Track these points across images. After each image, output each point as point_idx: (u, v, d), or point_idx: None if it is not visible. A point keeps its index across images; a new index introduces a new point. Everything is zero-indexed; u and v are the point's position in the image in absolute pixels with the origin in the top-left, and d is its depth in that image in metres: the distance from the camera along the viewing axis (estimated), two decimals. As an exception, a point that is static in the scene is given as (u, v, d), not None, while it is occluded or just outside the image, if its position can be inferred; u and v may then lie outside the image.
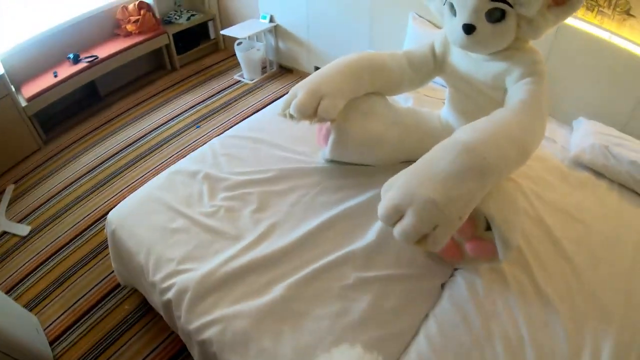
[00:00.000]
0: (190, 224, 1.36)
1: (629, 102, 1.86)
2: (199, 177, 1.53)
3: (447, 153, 1.02)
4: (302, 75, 3.09)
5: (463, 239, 1.22)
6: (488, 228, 1.15)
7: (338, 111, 1.32)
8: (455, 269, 1.30)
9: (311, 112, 1.29)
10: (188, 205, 1.43)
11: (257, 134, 1.75)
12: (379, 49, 2.46)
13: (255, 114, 1.95)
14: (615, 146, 1.68)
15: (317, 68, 2.86)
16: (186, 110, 2.72)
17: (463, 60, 1.34)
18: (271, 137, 1.72)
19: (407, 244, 1.00)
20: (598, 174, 1.67)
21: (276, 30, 3.00)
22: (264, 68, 3.11)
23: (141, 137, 2.50)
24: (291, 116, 1.33)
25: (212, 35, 3.47)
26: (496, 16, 1.13)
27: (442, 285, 1.27)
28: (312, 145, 1.67)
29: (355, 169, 1.54)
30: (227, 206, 1.41)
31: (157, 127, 2.58)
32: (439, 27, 2.20)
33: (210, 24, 3.40)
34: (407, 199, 0.97)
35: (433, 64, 1.43)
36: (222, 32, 2.87)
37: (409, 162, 1.21)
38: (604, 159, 1.66)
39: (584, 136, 1.77)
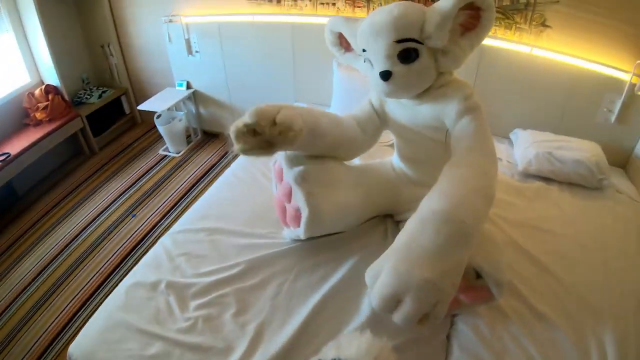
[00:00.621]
0: (169, 346, 1.21)
1: (557, 105, 2.13)
2: (162, 288, 1.38)
3: (425, 227, 1.01)
4: (230, 138, 3.08)
5: (457, 293, 1.18)
6: (477, 275, 1.16)
7: (298, 125, 1.17)
8: (454, 315, 1.31)
9: (270, 117, 1.14)
10: (159, 324, 1.27)
11: (209, 223, 1.63)
12: (305, 100, 2.59)
13: (201, 199, 1.82)
14: (556, 150, 1.88)
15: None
16: (116, 199, 2.52)
17: (398, 109, 1.39)
18: (226, 223, 1.62)
19: (409, 327, 0.99)
20: (547, 179, 1.87)
21: (195, 97, 2.93)
22: (188, 137, 3.00)
23: (73, 239, 2.25)
24: (244, 129, 1.16)
25: (127, 110, 3.30)
26: (410, 57, 1.17)
27: (448, 337, 1.27)
28: (272, 222, 1.61)
29: (324, 240, 1.51)
30: (204, 315, 1.28)
31: (88, 224, 2.34)
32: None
33: (123, 98, 3.23)
34: (403, 286, 0.95)
35: (378, 120, 1.47)
36: (139, 107, 2.74)
37: (376, 217, 1.33)
38: (549, 165, 1.86)
39: (526, 148, 1.95)
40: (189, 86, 2.90)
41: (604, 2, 1.87)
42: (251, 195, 1.80)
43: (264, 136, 1.15)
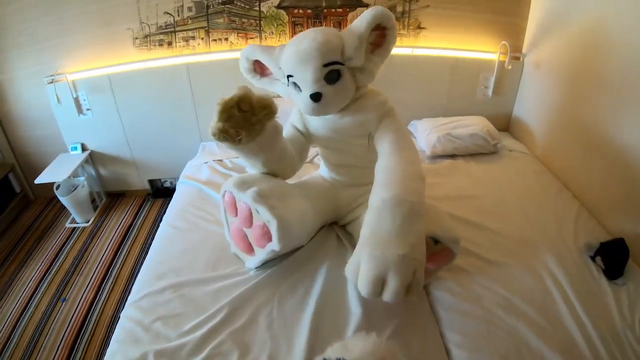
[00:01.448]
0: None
1: (442, 93, 2.54)
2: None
3: (382, 214, 1.20)
4: (137, 194, 2.89)
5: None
6: (435, 242, 1.36)
7: (275, 105, 1.32)
8: (426, 287, 1.52)
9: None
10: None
11: (169, 280, 1.55)
12: (209, 135, 2.57)
13: (147, 261, 1.69)
14: (453, 130, 2.27)
15: (151, 182, 2.77)
16: (38, 287, 2.19)
17: (322, 124, 1.53)
18: (187, 274, 1.57)
19: (399, 301, 1.15)
20: (453, 155, 2.26)
21: (93, 158, 2.70)
22: (92, 202, 2.75)
23: (6, 344, 1.90)
24: (232, 103, 1.25)
25: (18, 189, 2.86)
26: (334, 77, 1.34)
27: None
28: (231, 260, 1.64)
29: (290, 261, 1.57)
30: (210, 371, 1.25)
31: (17, 322, 2.00)
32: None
33: (11, 176, 2.78)
34: (383, 266, 1.12)
35: (303, 139, 1.61)
36: (37, 180, 2.39)
37: (323, 226, 1.55)
38: (451, 143, 2.25)
39: (427, 134, 2.30)
40: (84, 148, 2.66)
41: (467, 0, 2.33)
42: (198, 241, 1.76)
43: (247, 114, 1.27)
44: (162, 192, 2.89)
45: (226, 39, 2.37)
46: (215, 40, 2.36)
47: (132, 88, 2.44)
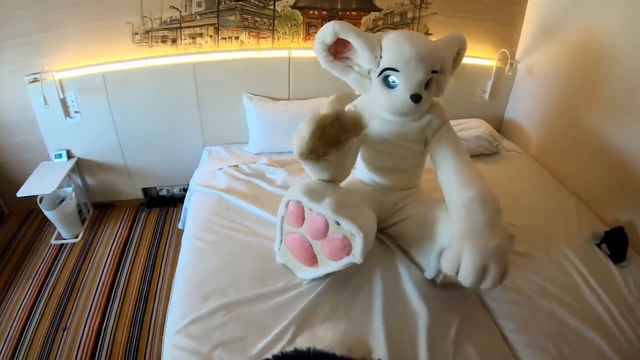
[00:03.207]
0: None
1: (444, 98, 2.57)
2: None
3: (472, 211, 1.28)
4: (129, 204, 2.65)
5: None
6: None
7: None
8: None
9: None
10: None
11: (218, 300, 1.43)
12: (217, 143, 2.44)
13: (180, 281, 1.55)
14: (459, 132, 2.34)
15: (145, 190, 2.54)
16: (30, 315, 1.91)
17: (385, 125, 1.53)
18: (235, 293, 1.46)
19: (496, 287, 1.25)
20: None
21: (79, 167, 2.41)
22: (79, 214, 2.46)
23: None
24: (327, 120, 1.24)
25: None
26: (429, 84, 1.42)
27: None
28: (279, 272, 1.57)
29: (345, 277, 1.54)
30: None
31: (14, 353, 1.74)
32: (274, 99, 2.36)
33: None
34: (485, 256, 1.20)
35: (359, 140, 1.52)
36: (19, 193, 2.08)
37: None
38: None
39: None
40: (70, 155, 2.36)
41: (472, 9, 2.42)
42: (235, 255, 1.66)
43: (337, 132, 1.27)
44: (157, 202, 2.66)
45: (237, 38, 2.23)
46: (224, 38, 2.22)
47: (129, 88, 2.21)
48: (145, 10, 2.02)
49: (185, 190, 2.70)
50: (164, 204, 2.66)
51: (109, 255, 2.26)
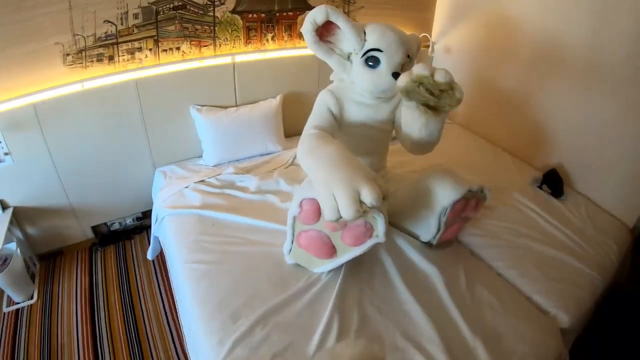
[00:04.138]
0: None
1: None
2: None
3: None
4: (79, 248, 2.35)
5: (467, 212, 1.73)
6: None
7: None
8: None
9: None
10: None
11: (247, 319, 1.38)
12: (169, 161, 2.30)
13: (195, 314, 1.45)
14: None
15: (94, 228, 2.29)
16: None
17: (361, 109, 1.64)
18: (263, 304, 1.43)
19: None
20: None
21: (16, 217, 2.04)
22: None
23: None
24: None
25: None
26: (402, 67, 1.56)
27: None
28: (292, 273, 1.59)
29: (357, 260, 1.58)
30: None
31: None
32: (223, 107, 2.30)
33: None
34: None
35: (338, 125, 1.65)
36: None
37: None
38: None
39: None
40: (4, 206, 1.99)
41: (393, 0, 2.62)
42: (245, 267, 1.63)
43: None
44: (110, 238, 2.39)
45: (178, 49, 2.12)
46: (165, 50, 2.08)
47: (66, 117, 1.95)
48: (76, 27, 1.80)
49: (139, 219, 2.48)
50: (118, 238, 2.41)
51: (77, 307, 1.98)
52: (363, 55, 1.52)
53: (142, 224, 2.52)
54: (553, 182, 2.31)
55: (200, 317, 1.44)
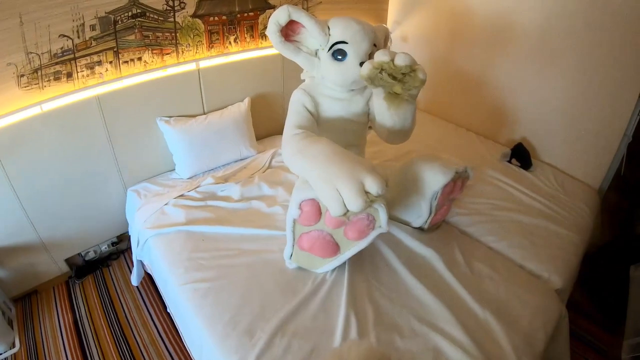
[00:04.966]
0: None
1: None
2: None
3: None
4: (55, 283, 2.18)
5: (453, 194, 1.79)
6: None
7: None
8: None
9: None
10: None
11: (264, 332, 1.35)
12: (136, 177, 2.22)
13: (205, 336, 1.40)
14: None
15: (68, 261, 2.14)
16: None
17: (335, 104, 1.62)
18: (277, 313, 1.41)
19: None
20: None
21: None
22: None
23: None
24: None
25: None
26: (370, 56, 1.52)
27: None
28: (301, 276, 1.57)
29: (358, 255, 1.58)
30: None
31: None
32: (191, 116, 2.21)
33: None
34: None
35: (316, 122, 1.62)
36: None
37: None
38: None
39: None
40: None
41: None
42: (248, 278, 1.58)
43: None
44: (86, 268, 2.22)
45: (139, 59, 2.00)
46: (126, 62, 1.96)
47: (25, 145, 1.77)
48: (29, 45, 1.63)
49: (115, 244, 2.33)
50: (95, 268, 2.25)
51: (65, 347, 1.83)
52: (329, 50, 1.51)
53: (119, 249, 2.38)
54: (521, 156, 2.44)
55: (212, 338, 1.38)
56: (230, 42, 2.30)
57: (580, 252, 1.89)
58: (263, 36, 2.41)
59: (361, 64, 1.49)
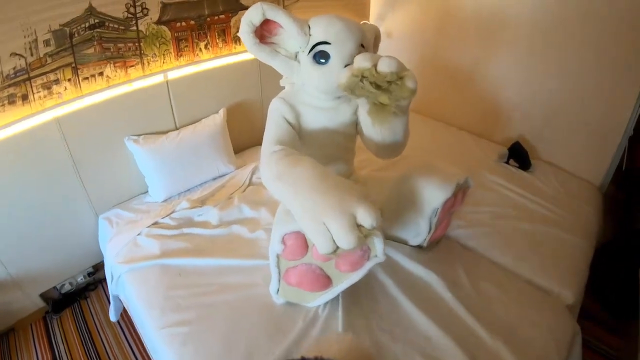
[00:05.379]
0: None
1: None
2: None
3: None
4: (31, 320, 2.00)
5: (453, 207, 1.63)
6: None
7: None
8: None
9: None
10: None
11: None
12: (107, 203, 2.03)
13: None
14: None
15: (43, 295, 1.97)
16: None
17: (319, 114, 1.43)
18: (270, 354, 1.28)
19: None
20: None
21: None
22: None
23: None
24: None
25: None
26: None
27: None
28: (291, 312, 1.42)
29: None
30: None
31: None
32: (162, 133, 2.03)
33: None
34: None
35: (298, 135, 1.43)
36: None
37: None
38: None
39: None
40: None
41: None
42: (232, 318, 1.41)
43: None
44: (63, 302, 2.05)
45: (101, 74, 1.80)
46: (87, 78, 1.76)
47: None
48: None
49: (91, 274, 2.15)
50: (72, 300, 2.08)
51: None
52: (310, 52, 1.32)
53: (96, 279, 2.20)
54: (519, 156, 2.31)
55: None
56: (200, 49, 2.11)
57: (589, 258, 1.78)
58: (236, 40, 2.22)
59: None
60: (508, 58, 2.32)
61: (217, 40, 2.15)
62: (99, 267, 2.17)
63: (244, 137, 2.43)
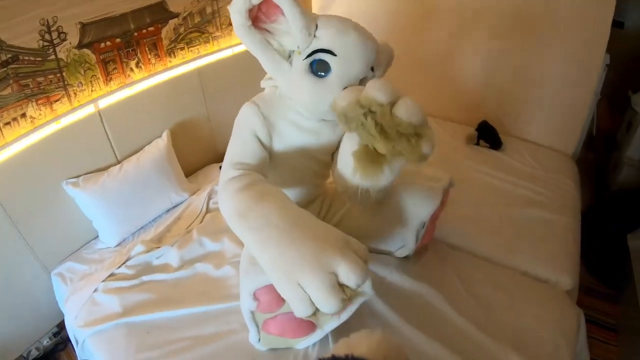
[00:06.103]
0: None
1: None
2: None
3: None
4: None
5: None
6: None
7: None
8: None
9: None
10: None
11: None
12: (56, 256, 1.78)
13: None
14: None
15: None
16: None
17: (298, 134, 1.22)
18: None
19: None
20: None
21: None
22: None
23: None
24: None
25: None
26: (362, 83, 1.13)
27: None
28: (276, 356, 1.26)
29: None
30: None
31: None
32: (103, 169, 1.79)
33: None
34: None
35: (267, 155, 1.21)
36: None
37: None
38: None
39: None
40: None
41: None
42: None
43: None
44: (35, 368, 1.83)
45: (23, 116, 1.55)
46: (8, 123, 1.50)
47: None
48: None
49: (57, 334, 1.93)
50: (45, 364, 1.87)
51: None
52: (308, 57, 1.09)
53: (63, 337, 1.96)
54: (488, 135, 2.22)
55: None
56: (131, 69, 1.87)
57: (578, 235, 1.73)
58: (171, 53, 1.99)
59: None
60: (471, 39, 2.21)
61: (149, 56, 1.92)
62: (63, 325, 1.94)
63: (194, 158, 2.20)
